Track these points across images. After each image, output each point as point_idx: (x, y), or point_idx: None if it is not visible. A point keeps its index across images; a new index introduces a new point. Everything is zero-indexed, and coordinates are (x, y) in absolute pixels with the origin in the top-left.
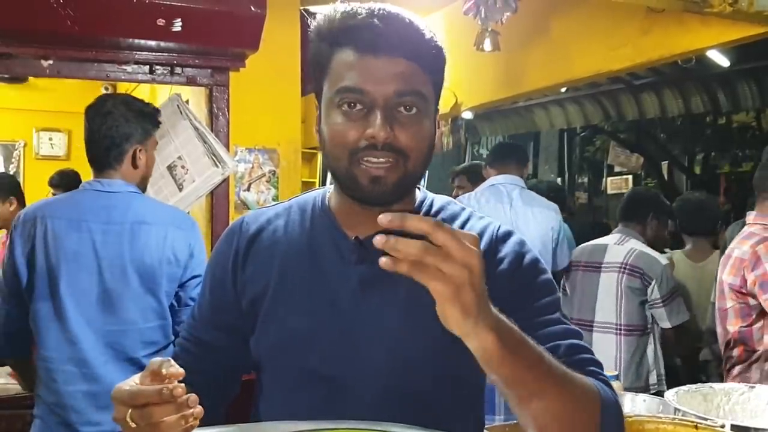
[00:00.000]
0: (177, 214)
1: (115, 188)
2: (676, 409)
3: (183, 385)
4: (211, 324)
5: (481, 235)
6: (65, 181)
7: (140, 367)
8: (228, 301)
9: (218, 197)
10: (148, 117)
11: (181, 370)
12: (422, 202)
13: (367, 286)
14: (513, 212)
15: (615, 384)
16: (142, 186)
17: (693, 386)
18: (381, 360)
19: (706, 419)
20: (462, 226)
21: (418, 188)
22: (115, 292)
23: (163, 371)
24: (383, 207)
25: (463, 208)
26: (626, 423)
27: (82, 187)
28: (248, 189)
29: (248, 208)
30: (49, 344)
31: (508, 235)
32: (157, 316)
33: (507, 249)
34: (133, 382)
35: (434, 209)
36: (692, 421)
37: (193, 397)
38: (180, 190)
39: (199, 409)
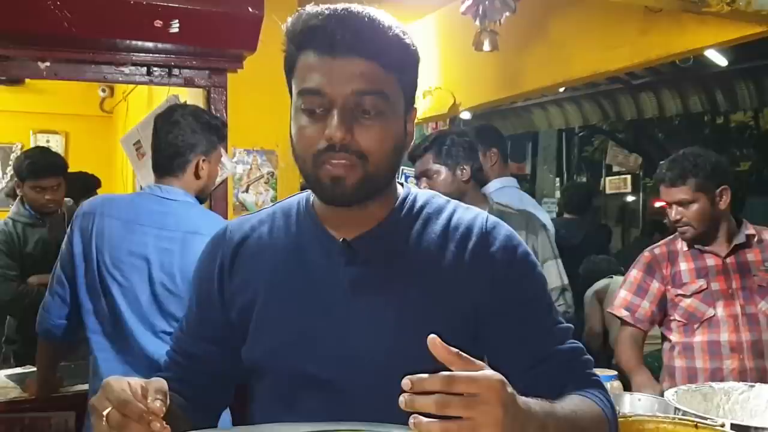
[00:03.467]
0: None
1: (173, 196)
2: (676, 409)
3: (164, 422)
4: (199, 336)
5: (470, 227)
6: None
7: None
8: (215, 313)
9: (217, 199)
10: (214, 129)
11: (162, 409)
12: (405, 198)
13: (358, 288)
14: None
15: (615, 383)
16: (202, 197)
17: (692, 385)
18: (378, 361)
19: (705, 418)
20: (449, 219)
21: (401, 184)
22: (164, 296)
23: (148, 404)
24: (350, 208)
25: (448, 201)
26: (626, 423)
27: (143, 190)
28: (246, 190)
29: (247, 210)
30: (104, 339)
31: (498, 226)
32: None
33: (498, 242)
34: (128, 385)
35: (418, 205)
36: (692, 421)
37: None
38: None
39: None
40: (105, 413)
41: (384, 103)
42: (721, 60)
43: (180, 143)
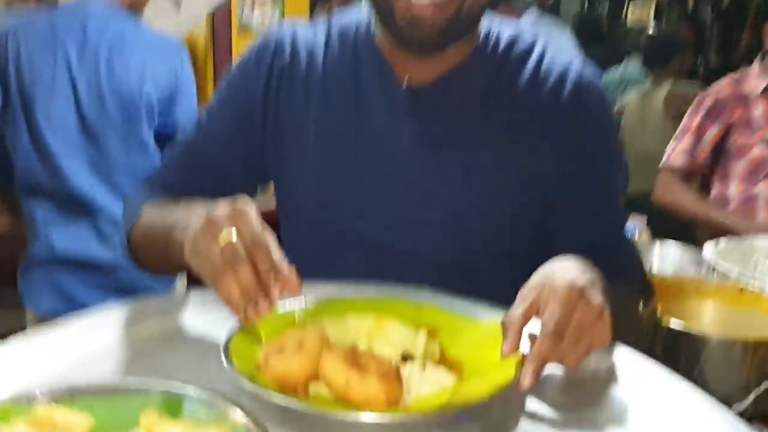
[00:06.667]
0: (160, 38)
1: (93, 6)
2: (711, 265)
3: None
4: (220, 142)
5: (563, 77)
6: None
7: None
8: (250, 130)
9: (219, 19)
10: None
11: (299, 285)
12: (487, 35)
13: (421, 145)
14: None
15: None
16: (132, 12)
17: (731, 241)
18: (433, 228)
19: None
20: (537, 65)
21: None
22: (95, 121)
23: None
24: (429, 54)
25: (536, 38)
26: (664, 284)
27: (59, 5)
28: (252, 8)
29: (251, 31)
30: (30, 171)
31: (593, 82)
32: (142, 150)
33: (592, 105)
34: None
35: (502, 45)
36: (737, 285)
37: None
38: (177, 10)
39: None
40: (223, 237)
41: None
42: None
43: None
